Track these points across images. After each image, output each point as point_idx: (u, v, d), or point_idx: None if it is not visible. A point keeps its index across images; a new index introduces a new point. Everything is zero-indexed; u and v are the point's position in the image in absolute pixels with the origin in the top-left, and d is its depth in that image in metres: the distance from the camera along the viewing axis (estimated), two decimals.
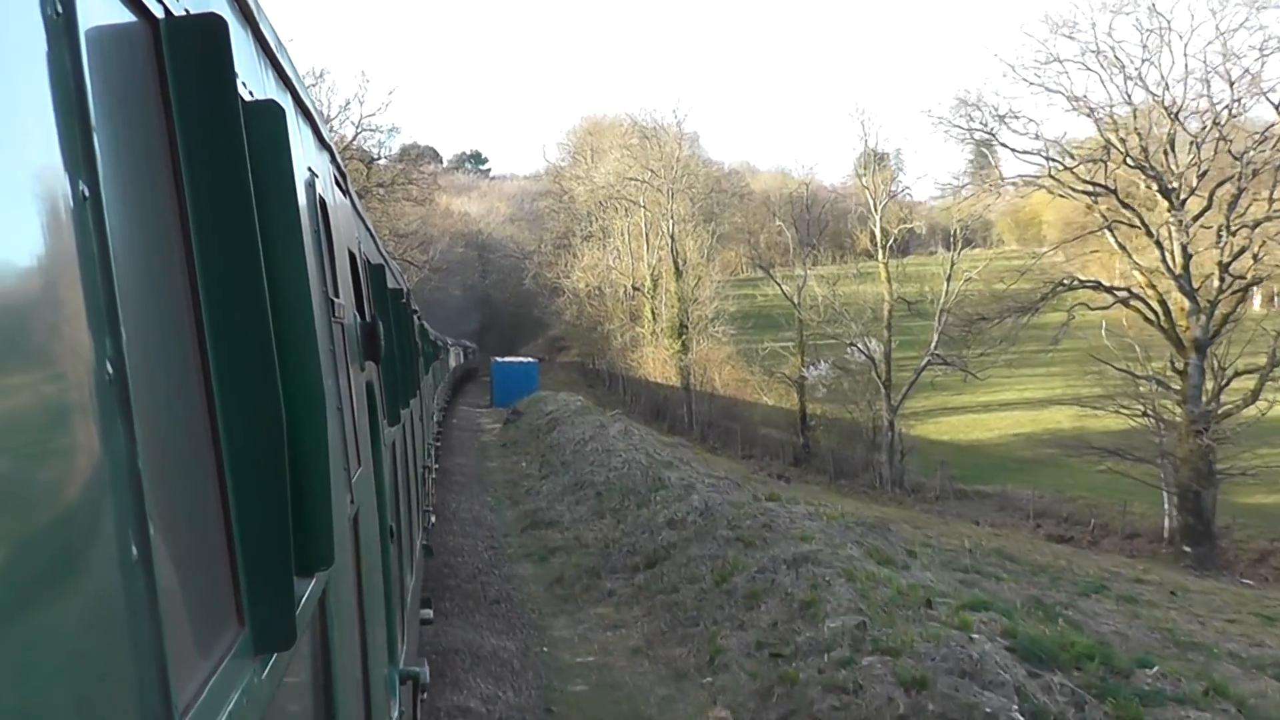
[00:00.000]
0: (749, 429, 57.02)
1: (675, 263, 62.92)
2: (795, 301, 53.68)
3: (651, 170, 64.58)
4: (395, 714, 4.62)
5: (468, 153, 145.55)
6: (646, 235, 68.06)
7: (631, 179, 66.18)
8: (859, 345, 49.65)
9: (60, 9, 1.09)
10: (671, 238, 62.90)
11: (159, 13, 1.48)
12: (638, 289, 68.47)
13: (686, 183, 64.85)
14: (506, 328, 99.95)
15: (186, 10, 1.59)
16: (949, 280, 48.86)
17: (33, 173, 1.00)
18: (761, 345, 57.64)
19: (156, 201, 1.47)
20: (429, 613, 8.88)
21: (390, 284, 7.05)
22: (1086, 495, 44.94)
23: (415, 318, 14.02)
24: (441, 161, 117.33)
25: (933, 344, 49.06)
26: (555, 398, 43.46)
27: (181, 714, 1.22)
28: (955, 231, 49.49)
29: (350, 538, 3.29)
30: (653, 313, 66.28)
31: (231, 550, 1.59)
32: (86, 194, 1.10)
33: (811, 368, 54.52)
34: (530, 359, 65.24)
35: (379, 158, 59.21)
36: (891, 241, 51.68)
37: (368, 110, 59.49)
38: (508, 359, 64.44)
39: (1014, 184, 39.05)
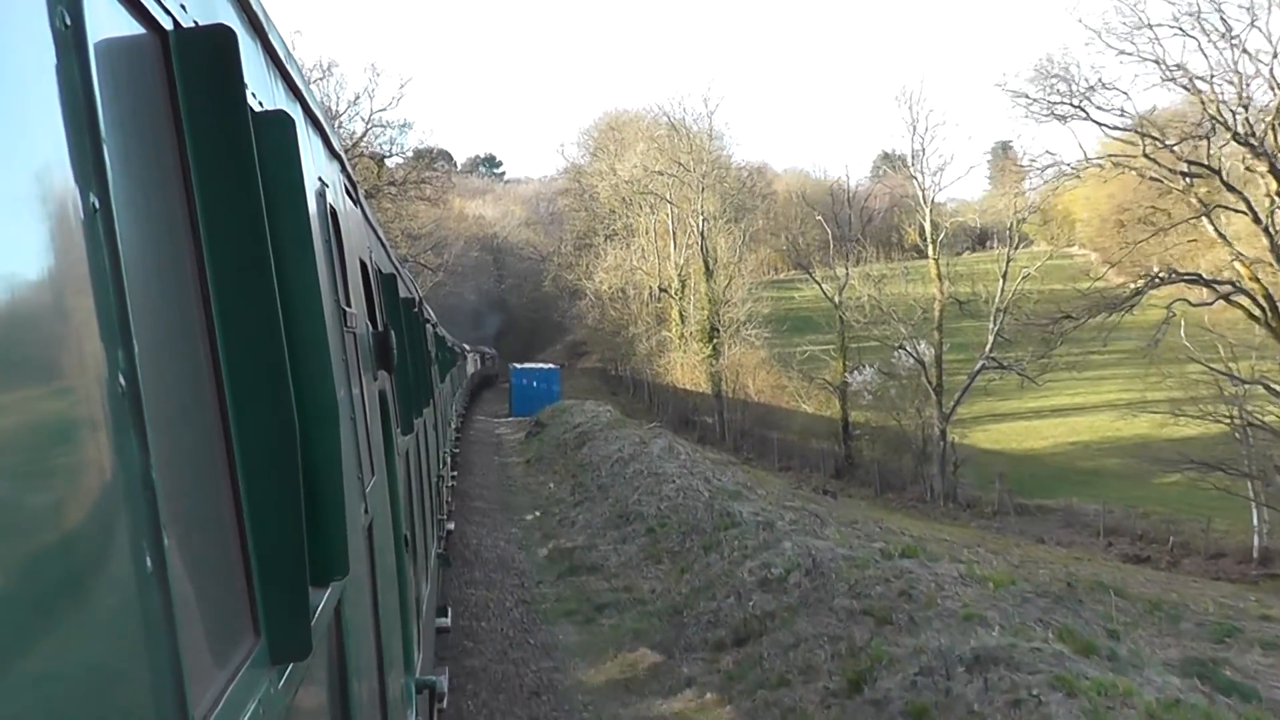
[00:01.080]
0: (786, 438, 53.25)
1: (705, 262, 58.83)
2: (837, 302, 49.86)
3: (680, 163, 60.65)
4: None
5: (481, 156, 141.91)
6: (674, 233, 63.86)
7: (659, 172, 62.26)
8: (908, 348, 45.78)
9: (69, 21, 1.08)
10: (701, 235, 58.88)
11: (168, 24, 1.48)
12: (665, 290, 64.29)
13: (717, 176, 61.13)
14: (523, 333, 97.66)
15: (195, 21, 1.59)
16: (1004, 278, 45.08)
17: (43, 184, 0.99)
18: (799, 349, 53.79)
19: (167, 213, 1.46)
20: (445, 621, 8.78)
21: (402, 292, 6.88)
22: (1160, 510, 41.30)
23: (430, 326, 13.46)
24: (455, 165, 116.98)
25: (988, 346, 45.31)
26: (582, 408, 39.89)
27: None
28: (1013, 224, 45.62)
29: (365, 547, 3.24)
30: (681, 315, 62.23)
31: (246, 561, 1.57)
32: (97, 205, 1.09)
33: (856, 373, 50.62)
34: (551, 365, 61.60)
35: (390, 154, 55.68)
36: (943, 237, 47.82)
37: (378, 105, 55.76)
38: (527, 365, 60.94)
39: (1099, 165, 35.01)
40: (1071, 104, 33.99)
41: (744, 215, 62.91)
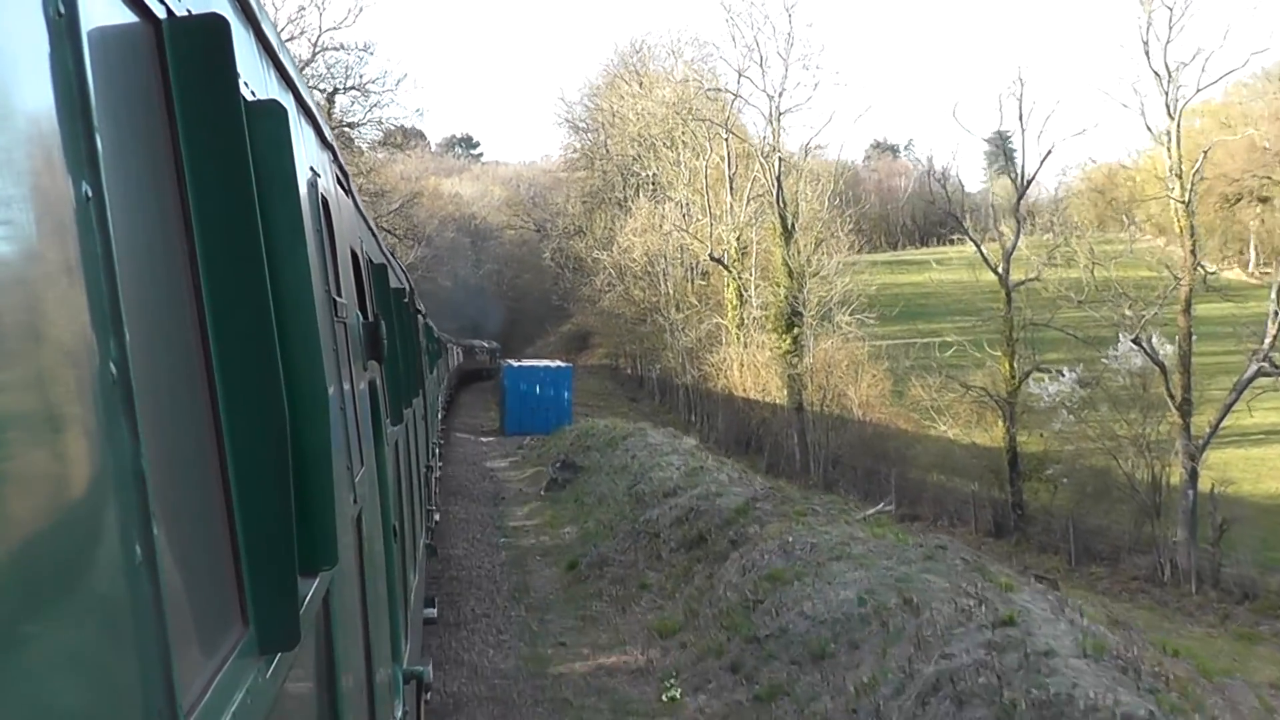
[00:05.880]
0: (908, 475, 36.41)
1: (782, 217, 41.41)
2: (1001, 272, 33.21)
3: (746, 76, 43.22)
4: (399, 713, 4.50)
5: (458, 136, 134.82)
6: (731, 181, 46.70)
7: (716, 89, 44.87)
8: (1141, 343, 29.18)
9: (63, 9, 1.09)
10: (777, 180, 41.43)
11: (161, 13, 1.47)
12: (717, 260, 46.60)
13: (801, 93, 44.00)
14: (504, 323, 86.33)
15: (189, 10, 1.58)
16: None
17: (36, 174, 1.00)
18: (938, 341, 37.09)
19: (159, 202, 1.47)
20: (433, 612, 8.90)
21: (393, 283, 7.01)
22: None
23: (420, 317, 13.71)
24: (429, 144, 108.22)
25: (1267, 340, 28.74)
26: (645, 440, 23.23)
27: (186, 714, 1.21)
28: None
29: (353, 537, 3.24)
30: (740, 294, 45.04)
31: (235, 550, 1.57)
32: (90, 195, 1.10)
33: (1048, 381, 33.94)
34: (559, 363, 44.56)
35: (345, 89, 43.71)
36: (1198, 166, 30.90)
37: (329, 22, 40.75)
38: (526, 363, 44.03)
39: None
40: None
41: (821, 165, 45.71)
